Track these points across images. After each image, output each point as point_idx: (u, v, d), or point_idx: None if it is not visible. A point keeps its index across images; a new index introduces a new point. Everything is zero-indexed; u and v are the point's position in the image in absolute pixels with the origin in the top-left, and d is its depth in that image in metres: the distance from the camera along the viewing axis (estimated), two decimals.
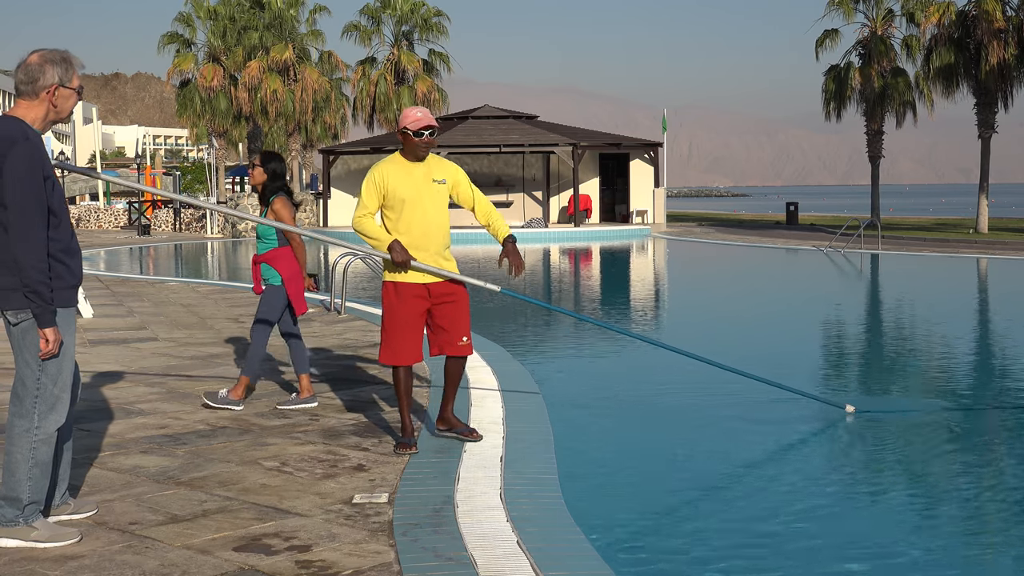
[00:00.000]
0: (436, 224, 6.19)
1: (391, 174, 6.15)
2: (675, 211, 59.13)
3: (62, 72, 4.50)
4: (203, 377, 8.82)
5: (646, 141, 42.38)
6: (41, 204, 4.38)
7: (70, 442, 4.88)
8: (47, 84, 4.47)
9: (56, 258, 4.46)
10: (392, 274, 6.21)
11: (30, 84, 4.47)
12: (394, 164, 6.21)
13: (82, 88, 4.63)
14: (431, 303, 6.23)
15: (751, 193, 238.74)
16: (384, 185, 6.13)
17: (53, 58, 4.50)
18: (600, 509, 5.49)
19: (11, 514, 4.52)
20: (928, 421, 7.66)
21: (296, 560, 4.37)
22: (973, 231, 35.75)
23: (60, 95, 4.51)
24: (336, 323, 12.40)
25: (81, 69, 4.62)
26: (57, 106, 4.52)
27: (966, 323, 13.93)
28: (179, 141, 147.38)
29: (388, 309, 6.24)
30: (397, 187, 6.12)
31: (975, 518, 5.54)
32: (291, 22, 46.37)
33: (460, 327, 6.29)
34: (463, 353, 6.36)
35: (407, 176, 6.16)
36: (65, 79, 4.51)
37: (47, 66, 4.47)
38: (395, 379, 6.31)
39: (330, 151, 42.20)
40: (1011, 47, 34.68)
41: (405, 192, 6.12)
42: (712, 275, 23.66)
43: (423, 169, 6.20)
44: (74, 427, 4.96)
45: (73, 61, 4.57)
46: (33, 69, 4.47)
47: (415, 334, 6.23)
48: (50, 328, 4.40)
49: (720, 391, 8.58)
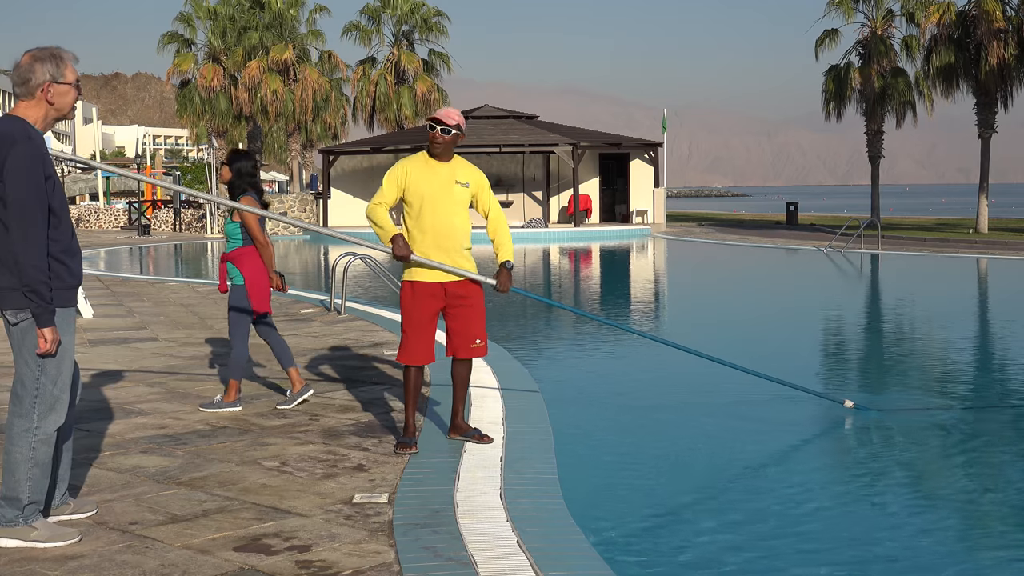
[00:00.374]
0: (454, 224, 6.19)
1: (414, 170, 6.18)
2: (675, 211, 59.14)
3: (53, 69, 4.48)
4: (203, 377, 8.82)
5: (646, 141, 42.37)
6: (42, 204, 4.38)
7: (70, 442, 4.88)
8: (39, 82, 4.46)
9: (56, 258, 4.46)
10: (410, 273, 6.23)
11: (23, 85, 4.47)
12: (419, 160, 6.24)
13: (79, 82, 4.60)
14: (446, 303, 6.24)
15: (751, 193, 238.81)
16: (405, 179, 6.16)
17: (42, 56, 4.49)
18: (600, 509, 5.50)
19: (11, 514, 4.52)
20: (928, 420, 7.65)
21: (296, 560, 4.37)
22: (973, 231, 35.74)
23: (56, 92, 4.49)
24: (336, 323, 12.40)
25: (75, 63, 4.58)
26: (55, 103, 4.51)
27: (966, 323, 13.93)
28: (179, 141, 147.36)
29: (404, 308, 6.28)
30: (418, 183, 6.15)
31: (975, 517, 5.54)
32: (291, 22, 46.38)
33: (475, 329, 6.30)
34: (477, 355, 6.37)
35: (431, 174, 6.18)
36: (57, 75, 4.49)
37: (36, 64, 4.46)
38: (405, 379, 6.34)
39: (330, 151, 42.19)
40: (1011, 47, 34.66)
41: (425, 189, 6.15)
42: (712, 275, 23.65)
43: (447, 169, 6.22)
44: (74, 427, 4.95)
45: (64, 56, 4.54)
46: (24, 70, 4.47)
47: (428, 335, 6.26)
48: (48, 328, 4.39)
49: (720, 389, 8.58)
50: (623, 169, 42.36)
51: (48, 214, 4.41)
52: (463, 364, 6.40)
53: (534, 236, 35.53)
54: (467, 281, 6.26)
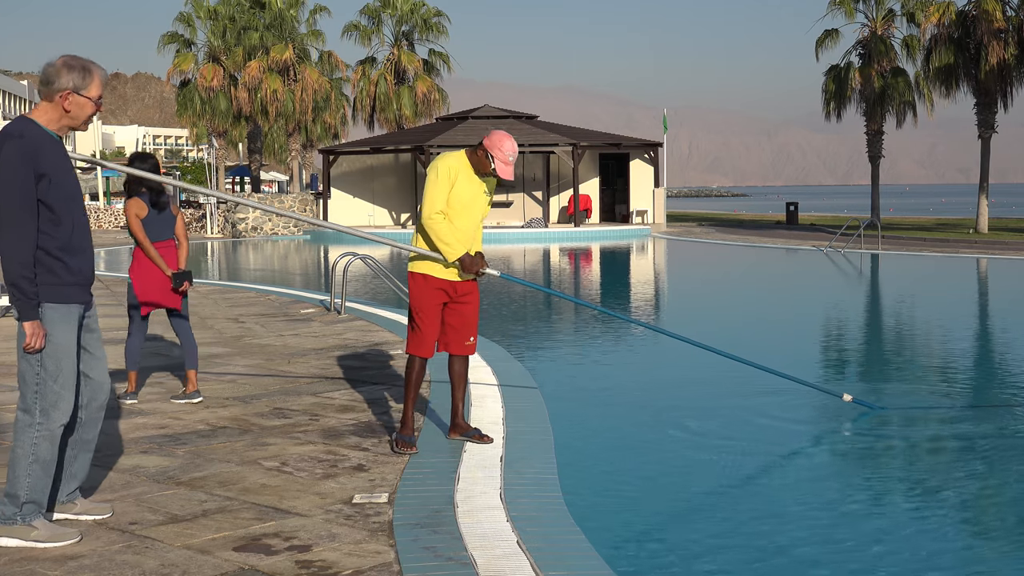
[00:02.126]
0: (479, 228, 6.32)
1: (462, 176, 6.19)
2: (675, 211, 59.14)
3: (79, 79, 4.53)
4: (203, 377, 8.81)
5: (646, 141, 42.37)
6: (26, 200, 4.41)
7: (92, 444, 4.87)
8: (61, 88, 4.51)
9: (52, 254, 4.49)
10: (422, 266, 6.24)
11: (47, 85, 4.54)
12: (464, 165, 6.22)
13: (101, 99, 4.65)
14: (450, 299, 6.29)
15: (751, 193, 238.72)
16: (454, 182, 6.16)
17: (74, 64, 4.55)
18: (600, 509, 5.50)
19: (9, 511, 4.53)
20: (927, 419, 7.66)
21: (296, 560, 4.37)
22: (973, 231, 35.75)
23: (74, 102, 4.54)
24: (336, 323, 12.40)
25: (103, 80, 4.64)
26: (70, 112, 4.55)
27: (966, 323, 13.93)
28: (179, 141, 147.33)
29: (416, 299, 6.27)
30: (463, 189, 6.18)
31: (974, 515, 5.54)
32: (291, 22, 46.40)
33: (470, 327, 6.38)
34: (468, 352, 6.42)
35: (470, 181, 6.22)
36: (81, 86, 4.53)
37: (64, 70, 4.52)
38: (409, 370, 6.33)
39: (330, 151, 42.18)
40: (1011, 47, 34.67)
41: (465, 196, 6.19)
42: (712, 275, 23.65)
43: (479, 179, 6.27)
44: (97, 429, 4.90)
45: (94, 72, 4.59)
46: (52, 71, 4.52)
47: (438, 328, 6.32)
48: (29, 322, 4.44)
49: (720, 387, 8.58)
50: (623, 169, 42.36)
51: (37, 211, 4.45)
52: (461, 361, 6.43)
53: (534, 236, 35.53)
54: (472, 279, 6.34)
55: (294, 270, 24.63)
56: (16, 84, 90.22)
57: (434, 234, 6.12)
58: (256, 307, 14.23)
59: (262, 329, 11.98)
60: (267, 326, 12.25)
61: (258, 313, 13.54)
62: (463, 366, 6.45)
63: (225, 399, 7.85)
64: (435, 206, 6.11)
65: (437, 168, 6.15)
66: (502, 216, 40.35)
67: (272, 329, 11.98)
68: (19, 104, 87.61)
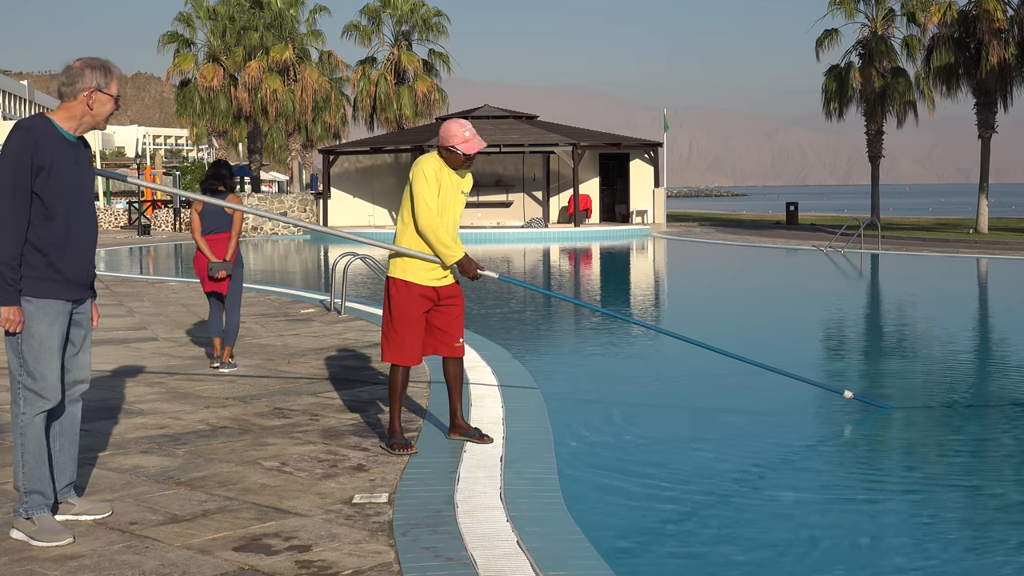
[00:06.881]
0: (457, 226, 6.30)
1: (443, 174, 6.18)
2: (675, 211, 59.16)
3: (100, 78, 4.73)
4: (203, 377, 8.82)
5: (646, 141, 42.36)
6: (19, 185, 4.48)
7: (75, 437, 4.91)
8: (85, 87, 4.70)
9: (40, 249, 4.57)
10: (403, 272, 6.21)
11: (70, 86, 4.71)
12: (442, 165, 6.21)
13: (119, 97, 4.86)
14: (434, 305, 6.27)
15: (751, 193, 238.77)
16: (440, 183, 6.16)
17: (94, 64, 4.76)
18: (600, 509, 5.49)
19: (18, 504, 4.69)
20: (927, 419, 7.66)
21: (296, 560, 4.37)
22: (973, 231, 35.74)
23: (97, 99, 4.73)
24: (336, 323, 12.40)
25: (120, 78, 4.90)
26: (93, 109, 4.73)
27: (965, 322, 13.93)
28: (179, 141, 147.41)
29: (398, 307, 6.23)
30: (445, 189, 6.18)
31: (974, 516, 5.54)
32: (291, 22, 46.39)
33: (456, 329, 6.37)
34: (458, 355, 6.41)
35: (448, 181, 6.21)
36: (103, 84, 4.75)
37: (87, 70, 4.72)
38: (393, 378, 6.30)
39: (330, 151, 42.17)
40: (1011, 47, 34.67)
41: (448, 195, 6.20)
42: (712, 275, 23.64)
43: (455, 178, 6.26)
44: (79, 425, 4.95)
45: (113, 70, 4.83)
46: (74, 73, 4.71)
47: (420, 335, 6.28)
48: (7, 307, 4.52)
49: (720, 386, 8.58)
50: (623, 169, 42.35)
51: (29, 203, 4.52)
52: (454, 363, 6.43)
53: (534, 236, 35.54)
54: (455, 283, 6.36)
55: (294, 270, 24.63)
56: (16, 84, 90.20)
57: (435, 237, 6.10)
58: (256, 307, 14.23)
59: (262, 329, 11.98)
60: (267, 326, 12.25)
61: (258, 313, 13.54)
62: (457, 367, 6.45)
63: (225, 399, 7.85)
64: (427, 212, 6.10)
65: (424, 171, 6.12)
66: (502, 216, 40.35)
67: (272, 329, 11.98)
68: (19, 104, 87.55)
